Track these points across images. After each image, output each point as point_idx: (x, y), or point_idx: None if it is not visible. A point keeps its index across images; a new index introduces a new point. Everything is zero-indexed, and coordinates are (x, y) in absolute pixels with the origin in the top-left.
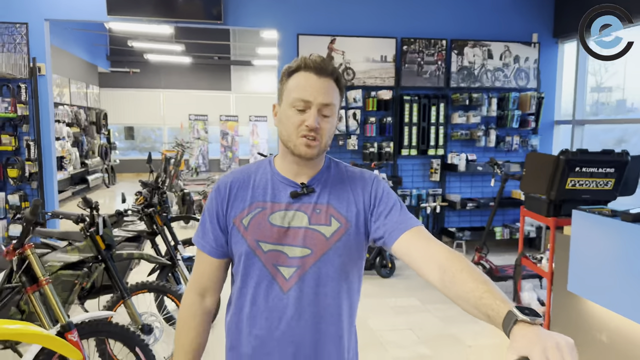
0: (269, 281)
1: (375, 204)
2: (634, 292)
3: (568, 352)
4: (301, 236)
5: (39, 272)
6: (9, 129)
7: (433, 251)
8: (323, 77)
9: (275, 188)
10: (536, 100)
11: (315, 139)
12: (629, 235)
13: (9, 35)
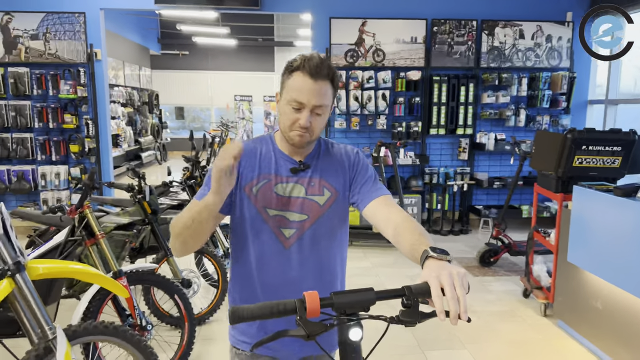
0: (274, 240)
1: (354, 175)
2: (625, 263)
3: (458, 279)
4: (299, 204)
5: (95, 228)
6: (71, 109)
7: (391, 215)
8: (319, 80)
9: (278, 163)
10: (568, 80)
11: (307, 133)
12: (620, 209)
13: (69, 24)
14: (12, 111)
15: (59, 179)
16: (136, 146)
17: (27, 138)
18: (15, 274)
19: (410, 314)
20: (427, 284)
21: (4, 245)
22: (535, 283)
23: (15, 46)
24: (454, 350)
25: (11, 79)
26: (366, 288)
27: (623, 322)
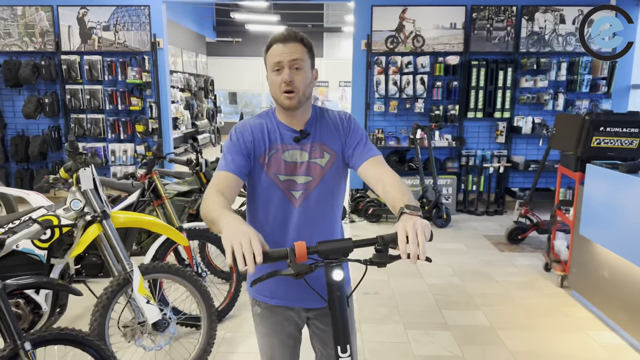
0: (285, 201)
1: (347, 137)
2: (629, 235)
3: (420, 228)
4: (304, 168)
5: (161, 191)
6: (137, 93)
7: (381, 174)
8: (288, 42)
9: (282, 134)
10: (609, 65)
11: (293, 91)
12: (625, 185)
13: (135, 16)
14: (87, 94)
15: (126, 155)
16: (193, 129)
17: (99, 119)
18: (103, 220)
19: (381, 257)
20: (395, 233)
21: (95, 198)
22: (555, 257)
23: (90, 36)
24: (468, 310)
25: (86, 66)
26: (346, 238)
27: (626, 290)
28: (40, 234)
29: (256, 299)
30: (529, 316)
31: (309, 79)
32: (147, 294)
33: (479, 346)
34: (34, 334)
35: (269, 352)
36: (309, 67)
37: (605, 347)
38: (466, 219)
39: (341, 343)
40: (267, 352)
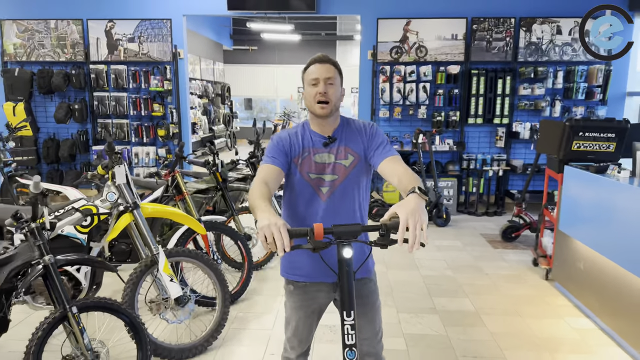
0: (314, 195)
1: (370, 141)
2: (599, 229)
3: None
4: (331, 168)
5: (182, 187)
6: (159, 100)
7: (397, 169)
8: (324, 63)
9: (314, 139)
10: (604, 73)
11: (326, 102)
12: (595, 184)
13: (158, 29)
14: (113, 101)
15: (148, 157)
16: (210, 134)
17: (124, 123)
18: (134, 210)
19: (383, 240)
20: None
21: (127, 191)
22: (542, 252)
23: (116, 48)
24: (457, 298)
25: (113, 75)
26: (356, 223)
27: (598, 280)
28: (81, 221)
29: (290, 279)
30: (512, 304)
31: (339, 93)
32: (171, 273)
33: (462, 327)
34: (79, 301)
35: (295, 322)
36: (339, 85)
37: (577, 330)
38: (466, 219)
39: (347, 309)
40: (292, 323)
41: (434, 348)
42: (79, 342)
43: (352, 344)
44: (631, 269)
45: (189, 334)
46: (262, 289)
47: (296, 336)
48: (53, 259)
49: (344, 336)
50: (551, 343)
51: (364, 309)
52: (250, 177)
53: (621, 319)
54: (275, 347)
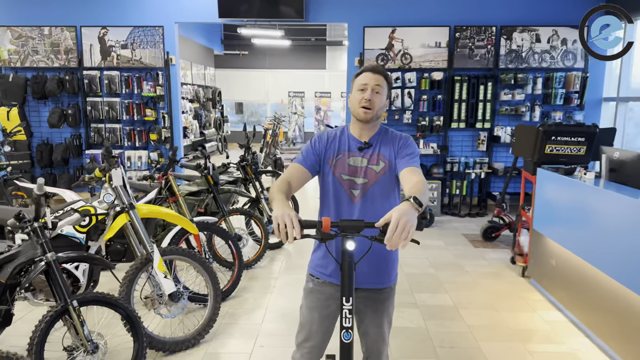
0: (346, 196)
1: (400, 149)
2: (568, 227)
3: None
4: (363, 171)
5: (175, 190)
6: (151, 105)
7: (412, 178)
8: (377, 74)
9: (350, 143)
10: (581, 80)
11: (370, 108)
12: (564, 185)
13: (150, 36)
14: (106, 106)
15: (141, 161)
16: (201, 137)
17: (117, 128)
18: (130, 211)
19: (382, 236)
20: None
21: (124, 192)
22: (519, 251)
23: (109, 54)
24: (437, 294)
25: (106, 80)
26: (359, 219)
27: (568, 275)
28: (80, 221)
29: (313, 274)
30: (489, 299)
31: (383, 102)
32: (165, 270)
33: (440, 320)
34: (79, 295)
35: (308, 324)
36: (386, 95)
37: (549, 322)
38: (450, 220)
39: (346, 295)
40: (307, 324)
41: (413, 339)
42: (79, 334)
43: (348, 326)
44: (597, 264)
45: (182, 328)
46: (252, 287)
47: (308, 341)
48: (55, 256)
49: (342, 319)
50: (524, 334)
51: (375, 311)
52: (241, 180)
53: (588, 311)
54: (265, 340)
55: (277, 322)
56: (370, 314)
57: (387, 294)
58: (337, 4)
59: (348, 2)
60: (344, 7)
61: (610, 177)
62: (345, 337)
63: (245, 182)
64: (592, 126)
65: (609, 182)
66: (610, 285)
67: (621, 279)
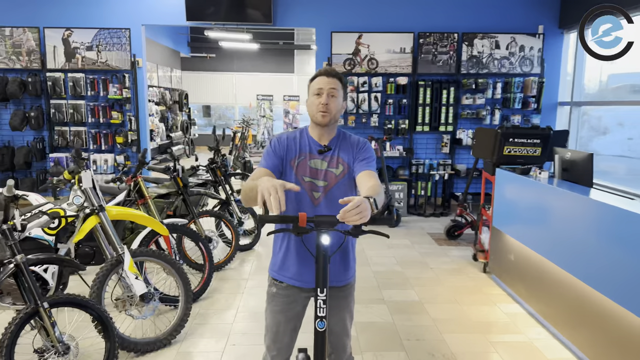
0: (307, 198)
1: (358, 153)
2: (525, 223)
3: (363, 211)
4: (323, 174)
5: (145, 192)
6: (117, 107)
7: (367, 182)
8: (331, 77)
9: (311, 146)
10: (537, 85)
11: (327, 111)
12: (520, 184)
13: (117, 38)
14: (70, 109)
15: (107, 164)
16: (167, 141)
17: (82, 131)
18: (100, 212)
19: (355, 231)
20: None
21: (94, 194)
22: (481, 248)
23: (74, 56)
24: (404, 290)
25: (70, 83)
26: (332, 215)
27: (525, 269)
28: (49, 223)
29: (276, 279)
30: (452, 294)
31: (340, 105)
32: (136, 271)
33: (407, 315)
34: (49, 297)
35: (275, 327)
36: (342, 98)
37: (508, 314)
38: (416, 220)
39: (320, 286)
40: (273, 327)
41: (381, 333)
42: (50, 335)
43: (323, 315)
44: (551, 258)
45: (153, 329)
46: (222, 288)
47: (275, 343)
48: (24, 258)
49: (316, 309)
50: (485, 326)
51: (338, 309)
52: (211, 182)
53: (543, 303)
54: (236, 339)
55: (249, 321)
56: (333, 311)
57: (347, 291)
58: (306, 9)
59: (316, 8)
60: (312, 12)
61: (563, 176)
62: (320, 326)
63: (215, 184)
64: (547, 129)
65: (562, 181)
66: (563, 277)
67: (573, 271)
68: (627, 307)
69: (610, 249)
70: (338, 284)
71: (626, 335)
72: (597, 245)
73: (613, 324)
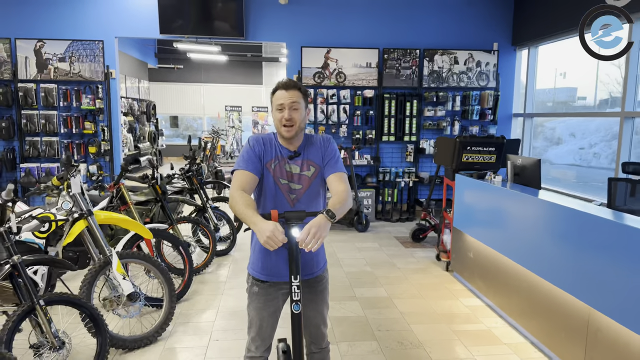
0: (284, 200)
1: (324, 154)
2: (481, 222)
3: (317, 235)
4: (297, 178)
5: (127, 198)
6: (90, 118)
7: (337, 187)
8: (290, 90)
9: (283, 151)
10: (493, 98)
11: (291, 125)
12: (476, 187)
13: (90, 49)
14: (42, 119)
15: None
16: (136, 151)
17: (54, 141)
18: (88, 217)
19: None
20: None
21: (82, 199)
22: (443, 248)
23: (46, 67)
24: (374, 287)
25: (42, 93)
26: (300, 210)
27: (482, 265)
28: (39, 227)
29: (258, 279)
30: (418, 290)
31: (303, 115)
32: (123, 272)
33: (377, 309)
34: (44, 295)
35: (259, 322)
36: (304, 107)
37: (469, 307)
38: (383, 225)
39: (294, 273)
40: (257, 323)
41: (354, 326)
42: (46, 331)
43: (297, 299)
44: (506, 253)
45: (139, 328)
46: (202, 290)
47: (260, 335)
48: (21, 258)
49: (291, 294)
50: (448, 317)
51: (315, 301)
52: (187, 190)
53: (500, 295)
54: (219, 335)
55: (229, 319)
56: (311, 304)
57: (322, 284)
58: (276, 24)
59: (286, 23)
60: (283, 27)
61: (515, 180)
62: (295, 309)
63: (191, 192)
64: (501, 138)
65: (514, 184)
66: (517, 270)
67: (525, 264)
68: (573, 294)
69: (557, 242)
70: (311, 275)
71: (571, 318)
72: (545, 239)
73: (560, 310)
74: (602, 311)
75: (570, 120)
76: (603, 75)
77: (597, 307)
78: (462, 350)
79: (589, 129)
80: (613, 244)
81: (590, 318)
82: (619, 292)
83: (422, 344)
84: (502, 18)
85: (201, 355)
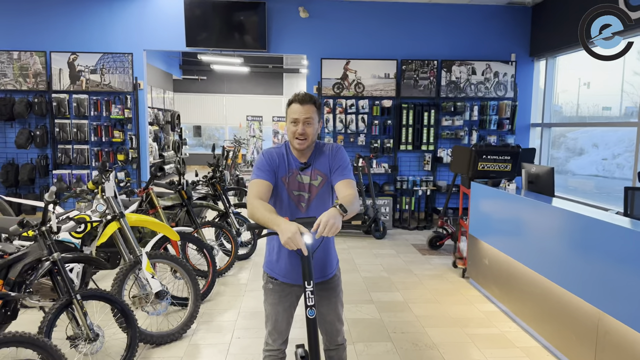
0: (296, 208)
1: (332, 161)
2: (498, 230)
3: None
4: (307, 187)
5: (155, 202)
6: (119, 127)
7: (345, 191)
8: (305, 104)
9: (295, 163)
10: (511, 108)
11: (304, 139)
12: (492, 195)
13: (120, 62)
14: (74, 128)
15: None
16: (160, 159)
17: (84, 149)
18: (120, 219)
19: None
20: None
21: (115, 202)
22: (460, 255)
23: (79, 78)
24: (390, 292)
25: (74, 103)
26: (311, 217)
27: (498, 272)
28: (76, 228)
29: (271, 276)
30: (433, 295)
31: (315, 129)
32: (152, 271)
33: (393, 312)
34: (81, 290)
35: (274, 316)
36: (317, 121)
37: (484, 312)
38: (400, 232)
39: (307, 279)
40: (273, 317)
41: (370, 328)
42: (82, 323)
43: (312, 304)
44: (520, 259)
45: (166, 324)
46: (224, 291)
47: (276, 329)
48: (60, 255)
49: (306, 299)
50: (462, 321)
51: (328, 299)
52: (211, 195)
53: (514, 301)
54: (240, 333)
55: (250, 319)
56: (325, 302)
57: (335, 282)
58: (297, 37)
59: (307, 36)
60: (304, 40)
61: (529, 187)
62: (310, 314)
63: (215, 197)
64: (516, 147)
65: (528, 192)
66: (530, 276)
67: (539, 269)
68: (583, 297)
69: (571, 248)
70: (324, 277)
71: (582, 322)
72: (558, 245)
73: (571, 314)
74: (612, 314)
75: (593, 131)
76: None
77: (607, 310)
78: (476, 353)
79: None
80: (624, 249)
81: (600, 321)
82: (628, 296)
83: (437, 346)
84: (519, 29)
85: (224, 351)
